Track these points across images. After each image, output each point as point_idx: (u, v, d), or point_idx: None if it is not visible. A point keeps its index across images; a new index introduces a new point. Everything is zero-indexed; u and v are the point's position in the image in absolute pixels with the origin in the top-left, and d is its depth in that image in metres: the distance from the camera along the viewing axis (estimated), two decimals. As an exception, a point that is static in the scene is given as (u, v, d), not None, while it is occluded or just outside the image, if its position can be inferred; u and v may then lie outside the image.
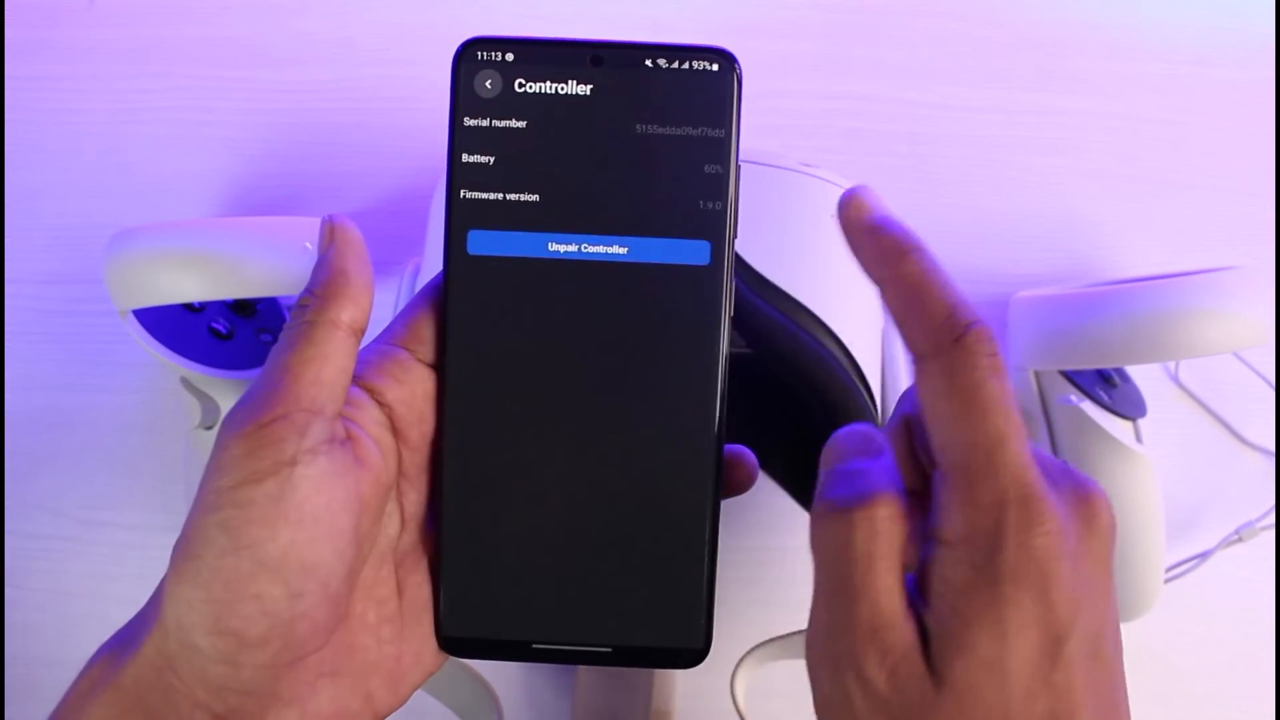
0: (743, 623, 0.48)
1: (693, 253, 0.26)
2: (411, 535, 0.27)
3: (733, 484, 0.27)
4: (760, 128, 0.27)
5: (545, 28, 0.57)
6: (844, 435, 0.25)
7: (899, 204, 0.65)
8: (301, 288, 0.24)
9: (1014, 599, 0.21)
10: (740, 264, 0.37)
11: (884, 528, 0.22)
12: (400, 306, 0.49)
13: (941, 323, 0.22)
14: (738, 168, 0.26)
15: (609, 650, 0.26)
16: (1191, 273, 0.47)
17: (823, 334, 0.38)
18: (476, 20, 0.59)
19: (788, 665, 0.42)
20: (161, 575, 0.24)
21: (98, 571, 0.51)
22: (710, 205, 0.26)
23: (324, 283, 0.25)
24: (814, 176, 0.40)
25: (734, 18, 0.61)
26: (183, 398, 0.49)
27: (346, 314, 0.25)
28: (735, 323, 0.27)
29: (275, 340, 0.52)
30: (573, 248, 0.26)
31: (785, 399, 0.37)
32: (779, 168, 0.40)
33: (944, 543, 0.22)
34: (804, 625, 0.41)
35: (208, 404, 0.48)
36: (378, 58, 0.60)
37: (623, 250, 0.26)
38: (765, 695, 0.45)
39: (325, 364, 0.24)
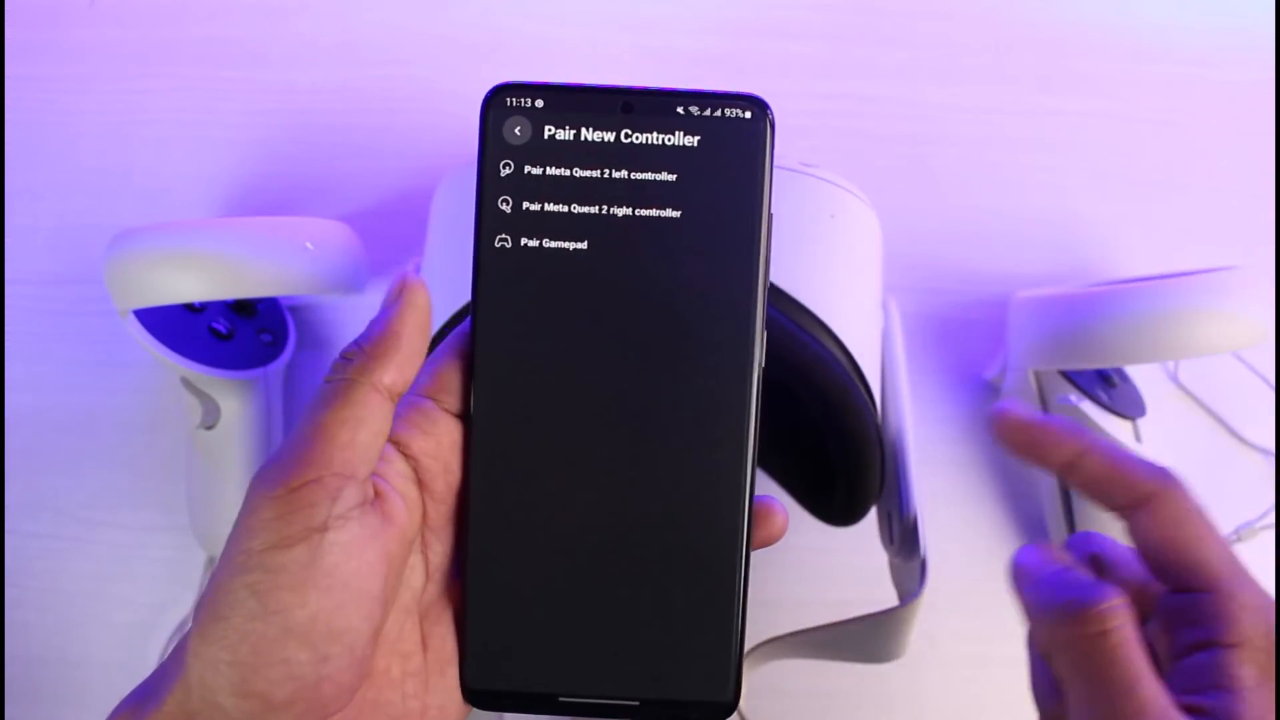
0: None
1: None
2: (436, 587, 0.26)
3: (763, 536, 0.27)
4: (760, 128, 0.27)
5: (545, 28, 0.58)
6: (1029, 551, 0.29)
7: (899, 204, 0.65)
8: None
9: None
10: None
11: (1131, 628, 0.26)
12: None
13: (1142, 481, 0.28)
14: (770, 216, 0.25)
15: (636, 703, 0.26)
16: (1191, 273, 0.47)
17: (822, 334, 0.38)
18: (476, 22, 0.59)
19: (789, 664, 0.42)
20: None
21: (98, 571, 0.51)
22: (741, 251, 0.25)
23: (375, 340, 0.24)
24: (814, 176, 0.40)
25: (734, 18, 0.61)
26: (183, 398, 0.49)
27: (389, 378, 0.24)
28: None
29: (275, 340, 0.52)
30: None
31: (785, 399, 0.37)
32: (779, 168, 0.40)
33: (1228, 646, 0.26)
34: (804, 624, 0.41)
35: (208, 404, 0.49)
36: (378, 59, 0.60)
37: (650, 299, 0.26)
38: (766, 694, 0.45)
39: (361, 427, 0.23)
